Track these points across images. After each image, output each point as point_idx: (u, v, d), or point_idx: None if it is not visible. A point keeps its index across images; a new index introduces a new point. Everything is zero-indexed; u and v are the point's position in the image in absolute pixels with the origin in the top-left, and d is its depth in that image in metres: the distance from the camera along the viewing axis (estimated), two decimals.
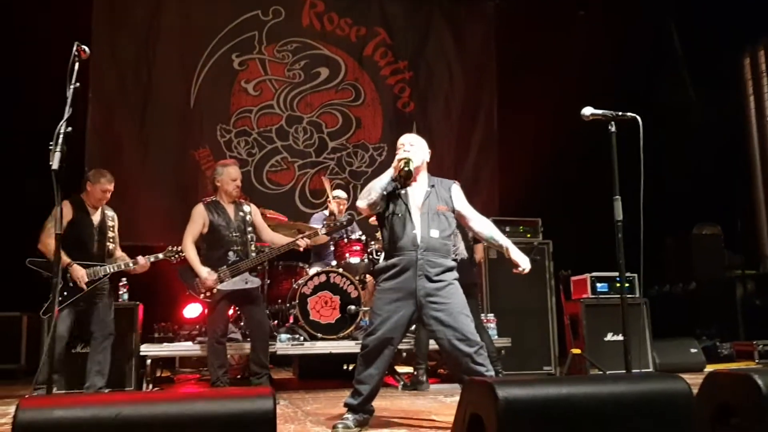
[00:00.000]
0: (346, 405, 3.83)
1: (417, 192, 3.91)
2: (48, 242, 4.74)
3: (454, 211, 3.95)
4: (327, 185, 6.82)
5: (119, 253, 5.34)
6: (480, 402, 2.00)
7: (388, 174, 3.82)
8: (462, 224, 4.09)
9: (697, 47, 8.83)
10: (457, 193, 3.99)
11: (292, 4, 9.04)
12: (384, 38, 9.32)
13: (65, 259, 4.84)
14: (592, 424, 1.90)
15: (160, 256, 5.20)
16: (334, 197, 6.82)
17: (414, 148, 3.89)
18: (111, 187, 5.16)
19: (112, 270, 5.10)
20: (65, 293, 4.87)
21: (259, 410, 1.72)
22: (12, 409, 4.50)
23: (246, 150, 8.66)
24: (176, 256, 5.15)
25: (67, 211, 4.98)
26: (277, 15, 8.97)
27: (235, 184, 5.26)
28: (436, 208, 3.85)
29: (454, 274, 3.83)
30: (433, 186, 3.93)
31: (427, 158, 4.00)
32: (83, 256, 5.02)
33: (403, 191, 3.90)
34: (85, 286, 4.93)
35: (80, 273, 4.92)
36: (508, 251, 3.89)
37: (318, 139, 8.95)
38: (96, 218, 5.19)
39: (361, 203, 3.89)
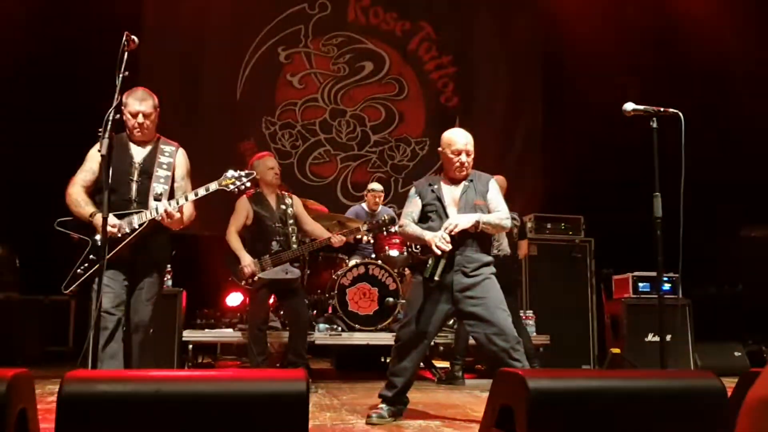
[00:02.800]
0: (380, 396, 3.87)
1: (455, 186, 3.91)
2: (70, 192, 3.68)
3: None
4: None
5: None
6: (510, 393, 2.01)
7: (424, 239, 3.73)
8: None
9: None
10: (493, 187, 3.95)
11: None
12: (429, 33, 9.32)
13: (87, 209, 3.61)
14: (623, 417, 1.90)
15: (212, 186, 3.85)
16: (369, 190, 6.85)
17: (470, 170, 3.88)
18: (143, 108, 3.73)
19: (146, 218, 3.62)
20: (91, 257, 3.58)
21: (293, 391, 1.77)
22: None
23: (290, 142, 8.76)
24: (238, 183, 3.86)
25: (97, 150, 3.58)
26: (323, 9, 9.04)
27: (273, 172, 5.35)
28: (474, 203, 3.84)
29: (491, 268, 3.82)
30: (471, 180, 3.92)
31: None
32: (116, 202, 3.62)
33: (436, 187, 3.91)
34: (114, 236, 3.51)
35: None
36: None
37: (361, 133, 9.01)
38: (140, 154, 3.80)
39: (399, 232, 4.00)
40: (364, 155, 8.97)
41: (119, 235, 3.54)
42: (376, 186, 6.90)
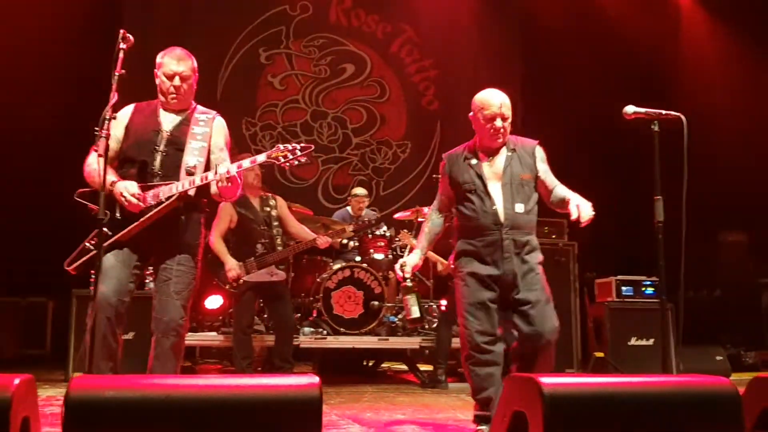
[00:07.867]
0: (477, 419, 3.30)
1: (493, 157, 3.33)
2: (90, 161, 3.17)
3: (537, 178, 3.34)
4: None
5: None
6: (524, 398, 1.98)
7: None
8: (540, 193, 3.40)
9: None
10: (540, 156, 3.41)
11: (320, 0, 9.04)
12: (410, 36, 9.29)
13: (108, 178, 2.98)
14: (640, 422, 1.88)
15: (260, 158, 3.27)
16: (353, 195, 6.78)
17: (507, 136, 3.37)
18: (181, 69, 3.45)
19: (180, 188, 3.13)
20: (105, 230, 2.95)
21: (306, 397, 1.72)
22: (41, 392, 4.57)
23: (270, 144, 8.67)
24: (290, 156, 3.21)
25: (122, 115, 3.31)
26: (305, 10, 8.97)
27: (254, 173, 5.29)
28: (520, 177, 3.27)
29: (539, 255, 3.31)
30: (514, 150, 3.34)
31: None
32: (140, 175, 3.21)
33: (473, 161, 3.35)
34: (136, 207, 3.07)
35: (122, 187, 3.09)
36: (568, 202, 3.21)
37: (342, 135, 8.95)
38: (169, 123, 3.35)
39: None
40: (346, 158, 8.91)
41: (142, 206, 3.06)
42: (359, 191, 6.81)
